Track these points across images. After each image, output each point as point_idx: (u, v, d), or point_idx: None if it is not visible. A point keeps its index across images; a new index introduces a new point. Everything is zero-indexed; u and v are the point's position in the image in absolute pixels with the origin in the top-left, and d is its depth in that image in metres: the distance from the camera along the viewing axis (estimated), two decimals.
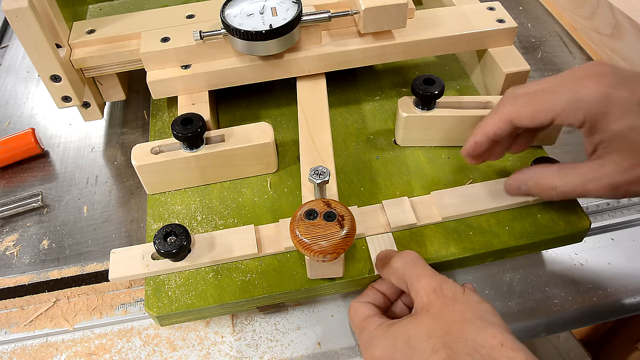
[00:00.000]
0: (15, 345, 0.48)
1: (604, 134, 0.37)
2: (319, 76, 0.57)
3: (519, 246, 0.46)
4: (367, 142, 0.56)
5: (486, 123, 0.41)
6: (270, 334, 0.47)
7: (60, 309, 0.50)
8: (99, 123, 0.66)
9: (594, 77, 0.37)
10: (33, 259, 0.53)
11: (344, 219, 0.39)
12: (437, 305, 0.37)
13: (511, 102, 0.39)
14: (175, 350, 0.46)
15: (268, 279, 0.45)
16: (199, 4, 0.59)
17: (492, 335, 0.34)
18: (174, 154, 0.49)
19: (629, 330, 0.82)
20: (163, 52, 0.52)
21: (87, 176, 0.60)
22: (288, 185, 0.52)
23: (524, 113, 0.39)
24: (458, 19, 0.57)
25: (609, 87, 0.36)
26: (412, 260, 0.41)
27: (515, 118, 0.39)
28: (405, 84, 0.62)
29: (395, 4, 0.51)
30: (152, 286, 0.45)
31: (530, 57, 0.71)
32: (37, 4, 0.48)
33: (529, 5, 0.81)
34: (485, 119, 0.41)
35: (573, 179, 0.39)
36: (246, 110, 0.61)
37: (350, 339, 0.47)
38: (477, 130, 0.42)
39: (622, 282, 0.49)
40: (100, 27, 0.56)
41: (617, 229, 0.54)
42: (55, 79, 0.51)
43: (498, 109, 0.40)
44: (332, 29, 0.56)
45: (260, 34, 0.49)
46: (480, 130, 0.41)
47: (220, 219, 0.49)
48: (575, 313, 0.48)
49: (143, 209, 0.56)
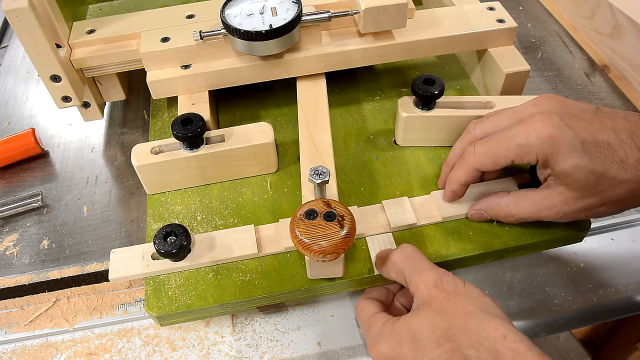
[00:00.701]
0: (15, 345, 0.48)
1: (552, 170, 0.41)
2: (319, 76, 0.57)
3: (519, 246, 0.46)
4: (367, 142, 0.56)
5: (457, 175, 0.46)
6: (270, 334, 0.47)
7: (60, 309, 0.50)
8: (99, 123, 0.66)
9: (542, 118, 0.41)
10: (33, 259, 0.53)
11: (344, 219, 0.39)
12: (439, 299, 0.38)
13: (473, 155, 0.44)
14: (175, 350, 0.46)
15: (268, 279, 0.45)
16: (199, 4, 0.59)
17: (495, 328, 0.35)
18: (174, 154, 0.49)
19: (629, 330, 0.82)
20: (163, 52, 0.52)
21: (87, 176, 0.60)
22: (288, 185, 0.52)
23: (486, 162, 0.43)
24: (458, 19, 0.57)
25: (554, 128, 0.40)
26: (411, 254, 0.41)
27: (480, 167, 0.44)
28: (405, 84, 0.62)
29: (395, 4, 0.51)
30: (152, 286, 0.45)
31: (530, 57, 0.71)
32: (37, 4, 0.48)
33: (529, 5, 0.81)
34: (454, 171, 0.46)
35: (527, 207, 0.44)
36: (246, 110, 0.61)
37: (350, 339, 0.47)
38: (451, 181, 0.47)
39: (622, 282, 0.49)
40: (100, 27, 0.56)
41: (617, 229, 0.54)
42: (55, 79, 0.51)
43: (463, 161, 0.45)
44: (332, 29, 0.56)
45: (260, 34, 0.49)
46: (454, 181, 0.46)
47: (220, 219, 0.49)
48: (575, 313, 0.48)
49: (143, 209, 0.56)
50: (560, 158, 0.40)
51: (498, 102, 0.52)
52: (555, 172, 0.41)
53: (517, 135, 0.41)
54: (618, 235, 0.53)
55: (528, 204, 0.44)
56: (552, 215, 0.43)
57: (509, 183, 0.49)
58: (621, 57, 0.68)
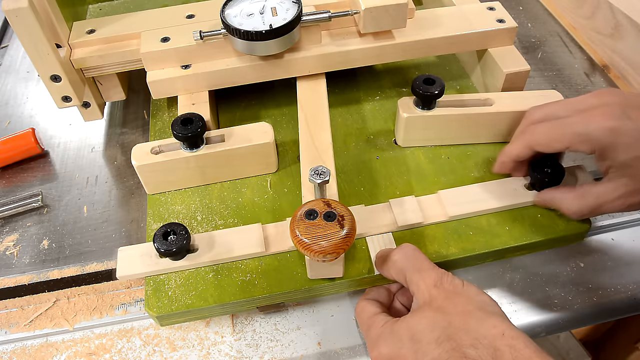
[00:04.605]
0: (15, 345, 0.48)
1: (612, 162, 0.42)
2: (319, 76, 0.57)
3: (519, 246, 0.47)
4: (367, 142, 0.56)
5: (510, 148, 0.47)
6: (270, 334, 0.47)
7: (60, 309, 0.50)
8: (99, 123, 0.66)
9: (603, 110, 0.41)
10: (33, 259, 0.53)
11: (344, 219, 0.39)
12: (439, 298, 0.38)
13: (531, 132, 0.45)
14: (175, 350, 0.46)
15: (268, 279, 0.45)
16: (199, 4, 0.59)
17: (493, 326, 0.35)
18: (174, 154, 0.49)
19: (629, 330, 0.82)
20: (163, 52, 0.52)
21: (87, 176, 0.60)
22: (288, 185, 0.52)
23: (541, 142, 0.44)
24: (458, 19, 0.57)
25: (615, 120, 0.40)
26: (412, 253, 0.41)
27: (534, 145, 0.45)
28: (405, 84, 0.62)
29: (395, 4, 0.51)
30: (152, 286, 0.45)
31: (530, 57, 0.71)
32: (37, 4, 0.48)
33: (529, 5, 0.81)
34: (509, 144, 0.48)
35: (591, 203, 0.44)
36: (246, 110, 0.61)
37: (350, 339, 0.47)
38: (502, 153, 0.49)
39: (622, 282, 0.49)
40: (100, 27, 0.56)
41: (617, 229, 0.54)
42: (55, 79, 0.51)
43: (521, 136, 0.46)
44: (332, 29, 0.56)
45: (260, 34, 0.49)
46: (505, 153, 0.48)
47: (221, 218, 0.49)
48: (575, 313, 0.48)
49: (143, 209, 0.56)
50: (621, 150, 0.40)
51: (498, 99, 0.52)
52: (616, 163, 0.41)
53: (577, 123, 0.42)
54: (618, 235, 0.53)
55: (592, 199, 0.44)
56: (617, 208, 0.43)
57: (513, 183, 0.49)
58: (621, 57, 0.68)
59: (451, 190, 0.49)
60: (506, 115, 0.52)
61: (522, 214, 0.48)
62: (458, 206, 0.48)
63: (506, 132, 0.53)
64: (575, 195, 0.45)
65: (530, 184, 0.49)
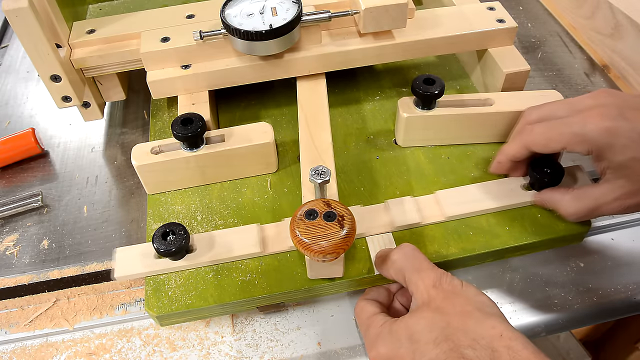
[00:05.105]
0: (15, 345, 0.48)
1: (610, 163, 0.42)
2: (319, 76, 0.57)
3: (519, 246, 0.47)
4: (367, 142, 0.56)
5: (507, 147, 0.48)
6: (270, 334, 0.47)
7: (60, 309, 0.50)
8: (99, 123, 0.66)
9: (599, 110, 0.41)
10: (33, 259, 0.53)
11: (344, 219, 0.39)
12: (438, 299, 0.38)
13: (528, 132, 0.45)
14: (175, 350, 0.46)
15: (268, 279, 0.45)
16: (199, 4, 0.59)
17: (492, 326, 0.35)
18: (174, 154, 0.49)
19: (629, 330, 0.82)
20: (163, 52, 0.52)
21: (87, 176, 0.60)
22: (288, 185, 0.52)
23: (538, 142, 0.44)
24: (458, 19, 0.57)
25: (611, 120, 0.40)
26: (411, 253, 0.41)
27: (531, 145, 0.45)
28: (405, 84, 0.62)
29: (395, 4, 0.51)
30: (152, 286, 0.45)
31: (530, 57, 0.71)
32: (37, 4, 0.48)
33: (529, 5, 0.81)
34: (506, 144, 0.48)
35: (589, 204, 0.44)
36: (246, 110, 0.61)
37: (350, 339, 0.47)
38: (500, 152, 0.49)
39: (622, 282, 0.49)
40: (100, 27, 0.56)
41: (617, 229, 0.54)
42: (55, 79, 0.51)
43: (518, 136, 0.46)
44: (332, 29, 0.56)
45: (260, 34, 0.49)
46: (503, 153, 0.48)
47: (220, 218, 0.49)
48: (575, 313, 0.48)
49: (143, 209, 0.56)
50: (617, 150, 0.40)
51: (498, 99, 0.52)
52: (612, 164, 0.41)
53: (574, 123, 0.42)
54: (618, 235, 0.53)
55: (589, 201, 0.44)
56: (614, 210, 0.43)
57: (512, 183, 0.49)
58: (621, 57, 0.68)
59: (449, 190, 0.49)
60: (506, 115, 0.52)
61: (521, 214, 0.48)
62: (456, 206, 0.48)
63: (506, 132, 0.53)
64: (573, 197, 0.45)
65: (530, 184, 0.49)
